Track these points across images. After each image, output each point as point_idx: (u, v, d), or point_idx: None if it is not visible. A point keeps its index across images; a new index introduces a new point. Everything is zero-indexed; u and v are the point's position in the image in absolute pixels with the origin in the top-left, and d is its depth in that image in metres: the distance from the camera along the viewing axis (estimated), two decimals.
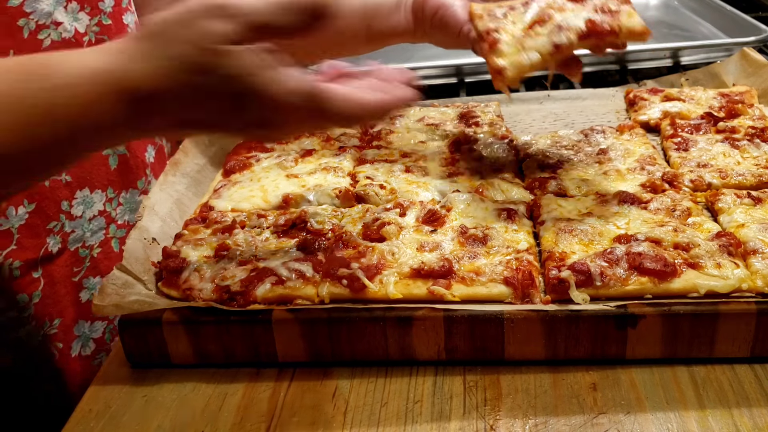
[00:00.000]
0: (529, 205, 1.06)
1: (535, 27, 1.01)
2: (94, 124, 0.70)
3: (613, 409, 0.80)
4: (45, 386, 1.07)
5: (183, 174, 1.22)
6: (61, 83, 0.68)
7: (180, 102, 0.71)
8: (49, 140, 0.70)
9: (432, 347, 0.87)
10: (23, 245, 1.01)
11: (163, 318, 0.88)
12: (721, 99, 1.40)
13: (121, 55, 0.70)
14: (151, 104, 0.70)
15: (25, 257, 1.01)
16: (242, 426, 0.81)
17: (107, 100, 0.69)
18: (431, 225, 1.01)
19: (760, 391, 0.81)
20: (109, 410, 0.85)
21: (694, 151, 1.20)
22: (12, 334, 1.02)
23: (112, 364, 0.92)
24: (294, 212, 1.08)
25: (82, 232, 1.09)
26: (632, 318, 0.84)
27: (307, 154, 1.27)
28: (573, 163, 1.19)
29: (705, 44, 1.83)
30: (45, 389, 1.07)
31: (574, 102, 1.52)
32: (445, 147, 1.28)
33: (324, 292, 0.89)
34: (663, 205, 1.02)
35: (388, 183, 1.16)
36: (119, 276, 0.93)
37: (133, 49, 0.70)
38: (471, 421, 0.80)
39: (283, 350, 0.89)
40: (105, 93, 0.69)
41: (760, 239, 0.92)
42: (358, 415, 0.82)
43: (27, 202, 1.01)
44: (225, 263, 0.96)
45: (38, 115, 0.68)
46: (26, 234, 1.01)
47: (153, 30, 0.70)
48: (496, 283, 0.88)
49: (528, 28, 1.02)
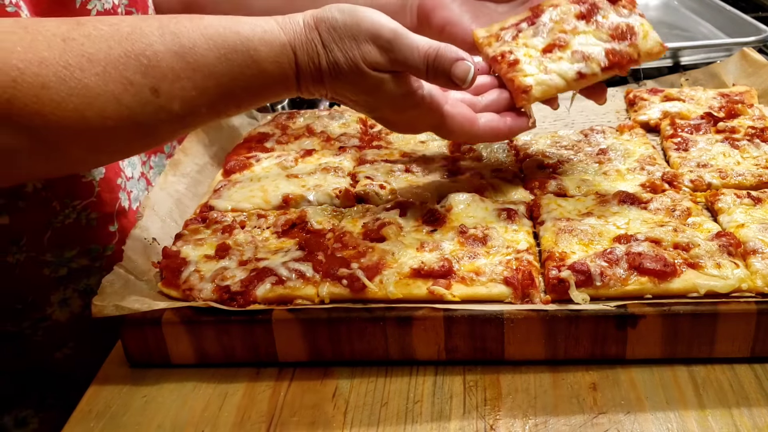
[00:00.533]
0: (529, 205, 1.06)
1: (555, 51, 1.04)
2: (277, 90, 0.87)
3: (613, 409, 0.80)
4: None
5: (183, 174, 1.22)
6: (261, 60, 0.82)
7: (332, 91, 0.88)
8: (238, 102, 0.85)
9: (432, 347, 0.87)
10: (102, 199, 1.07)
11: (163, 318, 0.88)
12: (721, 99, 1.40)
13: (297, 38, 0.84)
14: (314, 85, 0.87)
15: (102, 210, 1.08)
16: (242, 426, 0.81)
17: (290, 74, 0.85)
18: (431, 225, 1.01)
19: (760, 391, 0.82)
20: (109, 410, 0.85)
21: (694, 151, 1.20)
22: (83, 281, 1.09)
23: (112, 364, 0.92)
24: (294, 212, 1.08)
25: (137, 192, 1.16)
26: (632, 318, 0.84)
27: (307, 154, 1.27)
28: (573, 163, 1.19)
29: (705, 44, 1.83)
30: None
31: (574, 102, 1.52)
32: (445, 147, 1.28)
33: (324, 292, 0.89)
34: (663, 205, 1.02)
35: (388, 183, 1.16)
36: (119, 276, 0.93)
37: (304, 35, 0.84)
38: (471, 421, 0.80)
39: (283, 350, 0.89)
40: (288, 68, 0.84)
41: (760, 239, 0.92)
42: (358, 415, 0.82)
43: None
44: (225, 263, 0.96)
45: (239, 86, 0.82)
46: (104, 188, 1.07)
47: (327, 25, 0.85)
48: (496, 283, 0.88)
49: (545, 53, 1.04)
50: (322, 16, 0.85)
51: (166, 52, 0.77)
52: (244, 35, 0.81)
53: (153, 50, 0.77)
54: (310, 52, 0.84)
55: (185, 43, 0.78)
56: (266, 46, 0.83)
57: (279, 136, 1.35)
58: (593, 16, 1.05)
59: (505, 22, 1.11)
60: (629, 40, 1.02)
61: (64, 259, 1.07)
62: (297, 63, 0.84)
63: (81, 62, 0.73)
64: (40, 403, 1.12)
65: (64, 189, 1.04)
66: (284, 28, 0.84)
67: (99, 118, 0.74)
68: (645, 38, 1.02)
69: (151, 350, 0.90)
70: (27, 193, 1.01)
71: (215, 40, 0.80)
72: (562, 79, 1.02)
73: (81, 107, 0.73)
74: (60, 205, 1.04)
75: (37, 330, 1.08)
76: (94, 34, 0.75)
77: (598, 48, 1.02)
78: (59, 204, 1.04)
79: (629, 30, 1.02)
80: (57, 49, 0.72)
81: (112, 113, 0.75)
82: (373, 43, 0.84)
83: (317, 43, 0.84)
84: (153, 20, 0.80)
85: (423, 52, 0.86)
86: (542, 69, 1.02)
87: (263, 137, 1.35)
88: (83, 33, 0.75)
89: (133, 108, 0.76)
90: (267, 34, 0.83)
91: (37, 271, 1.05)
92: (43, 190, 1.02)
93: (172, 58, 0.78)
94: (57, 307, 1.09)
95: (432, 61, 0.86)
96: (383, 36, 0.84)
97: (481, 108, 1.02)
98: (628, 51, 1.01)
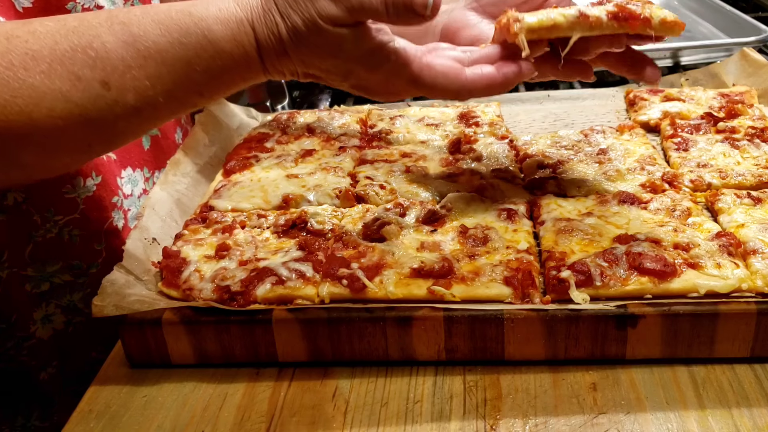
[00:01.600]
0: (529, 205, 1.06)
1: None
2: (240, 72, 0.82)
3: (613, 409, 0.80)
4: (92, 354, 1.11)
5: (183, 174, 1.22)
6: (216, 39, 0.78)
7: (299, 63, 0.83)
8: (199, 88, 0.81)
9: (432, 347, 0.87)
10: (87, 216, 1.05)
11: (163, 318, 0.88)
12: (721, 99, 1.40)
13: (253, 12, 0.80)
14: (278, 59, 0.82)
15: (87, 228, 1.05)
16: (242, 426, 0.81)
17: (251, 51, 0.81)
18: (431, 225, 1.01)
19: (760, 391, 0.82)
20: (109, 410, 0.85)
21: (694, 151, 1.20)
22: (65, 297, 1.07)
23: (112, 364, 0.92)
24: (294, 212, 1.08)
25: (136, 209, 1.14)
26: (632, 318, 0.84)
27: (307, 154, 1.27)
28: (573, 163, 1.19)
29: (705, 44, 1.83)
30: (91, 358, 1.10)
31: (574, 102, 1.53)
32: (445, 147, 1.28)
33: (324, 292, 0.89)
34: (663, 205, 1.02)
35: (388, 183, 1.16)
36: (119, 276, 0.93)
37: (260, 7, 0.80)
38: (471, 421, 0.80)
39: (283, 350, 0.89)
40: (247, 45, 0.80)
41: (760, 239, 0.92)
42: (358, 415, 0.82)
43: (95, 175, 1.05)
44: (225, 263, 0.96)
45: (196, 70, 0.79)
46: (91, 206, 1.05)
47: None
48: (496, 283, 0.88)
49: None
50: None
51: (115, 42, 0.74)
52: (196, 16, 0.78)
53: (101, 41, 0.74)
54: (269, 24, 0.80)
55: (135, 31, 0.76)
56: (221, 24, 0.79)
57: (279, 136, 1.35)
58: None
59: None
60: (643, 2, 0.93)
61: (46, 274, 1.05)
62: (257, 39, 0.81)
63: (25, 61, 0.70)
64: (25, 425, 1.10)
65: (46, 203, 1.01)
66: (240, 3, 0.81)
67: (48, 118, 0.72)
68: (660, 9, 0.92)
69: (151, 350, 0.90)
70: (7, 206, 0.98)
71: (166, 24, 0.77)
72: (561, 15, 0.91)
73: (27, 108, 0.70)
74: (41, 219, 1.01)
75: (22, 350, 1.06)
76: (39, 30, 0.72)
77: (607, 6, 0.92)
78: (40, 218, 1.01)
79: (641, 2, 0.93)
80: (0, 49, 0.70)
81: (62, 112, 0.72)
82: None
83: (274, 13, 0.80)
84: (102, 12, 0.78)
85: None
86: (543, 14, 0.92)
87: (263, 137, 1.35)
88: (28, 30, 0.72)
89: (83, 104, 0.73)
90: (222, 12, 0.80)
91: (19, 287, 1.03)
92: (23, 203, 0.99)
93: (122, 47, 0.75)
94: (40, 324, 1.06)
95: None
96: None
97: (469, 62, 0.91)
98: (640, 9, 0.91)
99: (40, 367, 1.09)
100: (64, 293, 1.07)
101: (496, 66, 0.90)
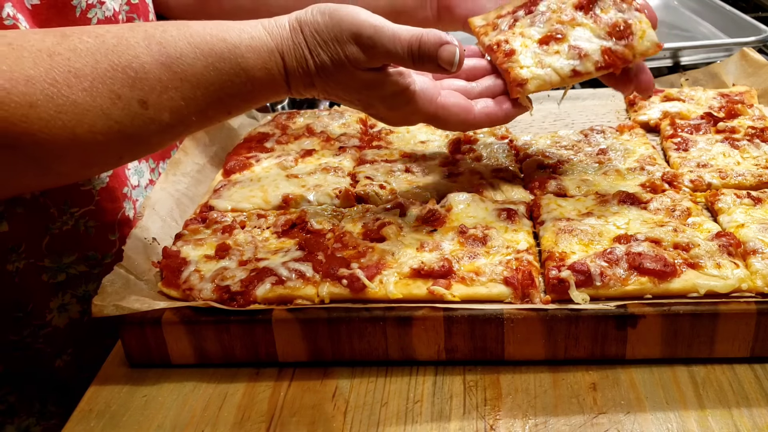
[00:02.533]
0: (529, 205, 1.06)
1: (551, 44, 1.03)
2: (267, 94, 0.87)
3: (613, 409, 0.80)
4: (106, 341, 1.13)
5: (183, 174, 1.22)
6: (249, 67, 0.82)
7: (323, 93, 0.89)
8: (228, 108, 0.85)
9: (432, 347, 0.87)
10: (102, 207, 1.08)
11: (163, 318, 0.88)
12: (720, 99, 1.39)
13: (283, 43, 0.84)
14: (304, 87, 0.87)
15: (102, 219, 1.08)
16: (242, 426, 0.81)
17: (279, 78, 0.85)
18: (431, 225, 1.01)
19: (759, 391, 0.82)
20: (109, 410, 0.85)
21: (693, 151, 1.20)
22: (81, 287, 1.10)
23: (112, 364, 0.92)
24: (294, 212, 1.08)
25: (143, 200, 1.16)
26: (632, 318, 0.84)
27: (307, 154, 1.27)
28: (573, 163, 1.19)
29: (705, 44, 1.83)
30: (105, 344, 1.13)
31: (574, 102, 1.52)
32: (445, 147, 1.28)
33: (324, 292, 0.89)
34: (663, 205, 1.02)
35: (388, 183, 1.16)
36: (119, 276, 0.93)
37: (290, 39, 0.84)
38: (471, 421, 0.80)
39: (283, 350, 0.89)
40: (276, 73, 0.84)
41: (760, 239, 0.92)
42: (358, 415, 0.82)
43: None
44: (225, 263, 0.96)
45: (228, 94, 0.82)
46: (105, 197, 1.08)
47: (310, 29, 0.84)
48: (496, 283, 0.88)
49: (541, 44, 1.03)
50: (305, 19, 0.85)
51: (153, 63, 0.77)
52: (230, 42, 0.81)
53: (140, 62, 0.76)
54: (298, 57, 0.84)
55: (172, 53, 0.78)
56: (254, 52, 0.82)
57: (279, 136, 1.35)
58: (592, 8, 1.04)
59: (501, 9, 1.10)
60: (627, 40, 1.01)
61: (63, 265, 1.07)
62: (286, 67, 0.84)
63: (68, 78, 0.72)
64: (42, 411, 1.13)
65: (62, 196, 1.04)
66: (271, 32, 0.84)
67: (89, 133, 0.73)
68: (642, 38, 1.01)
69: (151, 350, 0.90)
70: (25, 199, 1.01)
71: (202, 48, 0.79)
72: (557, 74, 1.02)
73: (70, 124, 0.72)
74: (58, 211, 1.04)
75: (38, 338, 1.09)
76: (80, 48, 0.74)
77: (594, 45, 1.02)
78: (57, 210, 1.04)
79: (627, 28, 1.01)
80: (43, 65, 0.71)
81: (102, 128, 0.74)
82: (356, 43, 0.84)
83: (303, 47, 0.84)
84: (138, 30, 0.79)
85: (406, 42, 0.85)
86: (538, 62, 1.02)
87: (263, 137, 1.35)
88: (69, 47, 0.74)
89: (122, 122, 0.75)
90: (254, 41, 0.82)
91: (36, 277, 1.05)
92: (41, 197, 1.02)
93: (159, 69, 0.77)
94: (56, 313, 1.09)
95: (416, 50, 0.85)
96: (364, 34, 0.83)
97: (476, 94, 1.02)
98: (623, 52, 1.00)
99: (56, 354, 1.11)
100: (79, 284, 1.10)
101: (496, 101, 1.02)
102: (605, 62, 1.01)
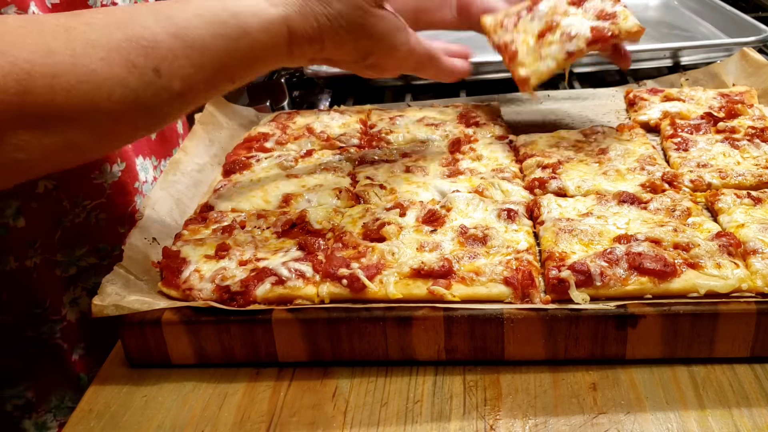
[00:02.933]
0: (529, 205, 1.06)
1: (546, 36, 1.18)
2: (269, 60, 0.92)
3: (613, 409, 0.80)
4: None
5: (183, 174, 1.22)
6: (252, 31, 0.86)
7: (330, 47, 0.94)
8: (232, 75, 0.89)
9: (432, 347, 0.87)
10: (113, 201, 1.11)
11: (163, 318, 0.88)
12: (721, 99, 1.39)
13: (289, 6, 0.89)
14: (309, 45, 0.92)
15: (113, 212, 1.11)
16: (242, 426, 0.81)
17: (282, 42, 0.89)
18: (431, 225, 1.01)
19: (760, 391, 0.82)
20: (109, 410, 0.85)
21: (694, 151, 1.20)
22: (91, 279, 1.12)
23: (112, 364, 0.92)
24: (294, 212, 1.08)
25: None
26: (632, 318, 0.84)
27: (307, 154, 1.27)
28: (573, 163, 1.19)
29: (705, 44, 1.82)
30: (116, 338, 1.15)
31: (574, 102, 1.52)
32: (445, 147, 1.28)
33: (324, 292, 0.89)
34: (663, 205, 1.02)
35: (388, 183, 1.16)
36: (119, 276, 0.93)
37: (298, 3, 0.89)
38: (471, 421, 0.80)
39: (283, 350, 0.89)
40: (279, 36, 0.89)
41: (760, 239, 0.92)
42: (358, 415, 0.82)
43: (120, 161, 1.12)
44: (225, 263, 0.96)
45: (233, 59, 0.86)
46: (117, 191, 1.11)
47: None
48: (496, 283, 0.88)
49: (539, 37, 1.19)
50: None
51: (164, 34, 0.80)
52: (232, 9, 0.85)
53: (151, 32, 0.79)
54: (305, 13, 0.89)
55: (180, 23, 0.81)
56: (256, 17, 0.86)
57: (279, 136, 1.35)
58: (583, 3, 1.21)
59: (509, 10, 1.25)
60: (612, 20, 1.18)
61: (74, 258, 1.09)
62: (290, 27, 0.88)
63: (86, 49, 0.75)
64: (59, 406, 1.13)
65: (75, 189, 1.06)
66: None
67: (107, 102, 0.76)
68: (625, 20, 1.18)
69: (151, 350, 0.90)
70: (38, 193, 1.03)
71: (206, 17, 0.83)
72: (554, 60, 1.17)
73: (90, 93, 0.75)
74: (70, 204, 1.06)
75: (54, 333, 1.09)
76: (92, 22, 0.77)
77: (584, 27, 1.17)
78: (69, 203, 1.06)
79: (612, 13, 1.19)
80: (62, 38, 0.74)
81: (119, 96, 0.77)
82: None
83: (313, 4, 0.88)
84: (144, 6, 0.83)
85: None
86: (536, 57, 1.17)
87: (263, 137, 1.35)
88: (83, 21, 0.77)
89: (137, 90, 0.78)
90: (257, 5, 0.87)
91: (50, 272, 1.07)
92: (54, 190, 1.04)
93: (170, 39, 0.80)
94: (68, 307, 1.10)
95: None
96: None
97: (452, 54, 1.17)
98: (610, 27, 1.17)
99: (72, 349, 1.12)
100: (89, 276, 1.12)
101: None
102: (594, 37, 1.16)
